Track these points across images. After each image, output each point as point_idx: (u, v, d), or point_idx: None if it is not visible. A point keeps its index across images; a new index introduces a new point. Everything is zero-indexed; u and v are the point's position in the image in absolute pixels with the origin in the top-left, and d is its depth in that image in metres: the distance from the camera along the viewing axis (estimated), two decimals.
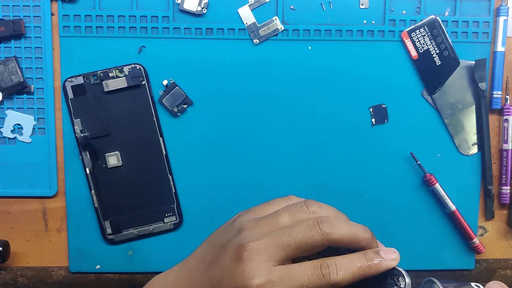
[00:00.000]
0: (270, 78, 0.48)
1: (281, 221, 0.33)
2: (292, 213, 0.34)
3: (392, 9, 0.48)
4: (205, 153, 0.48)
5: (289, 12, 0.47)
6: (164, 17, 0.47)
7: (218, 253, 0.34)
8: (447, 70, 0.48)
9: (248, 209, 0.37)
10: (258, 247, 0.32)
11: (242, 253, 0.32)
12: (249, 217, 0.35)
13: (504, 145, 0.49)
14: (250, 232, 0.33)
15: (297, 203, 0.35)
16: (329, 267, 0.31)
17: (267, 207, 0.36)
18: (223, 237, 0.35)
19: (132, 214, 0.48)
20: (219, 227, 0.37)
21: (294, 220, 0.33)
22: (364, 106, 0.48)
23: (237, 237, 0.33)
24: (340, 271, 0.31)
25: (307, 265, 0.32)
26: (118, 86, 0.47)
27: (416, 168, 0.49)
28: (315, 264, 0.32)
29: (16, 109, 0.47)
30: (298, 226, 0.32)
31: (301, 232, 0.32)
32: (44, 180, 0.48)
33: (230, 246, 0.33)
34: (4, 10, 0.46)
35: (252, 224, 0.34)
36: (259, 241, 0.32)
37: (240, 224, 0.34)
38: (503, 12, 0.47)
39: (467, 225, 0.48)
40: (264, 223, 0.34)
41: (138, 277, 0.49)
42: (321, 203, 0.35)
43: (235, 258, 0.32)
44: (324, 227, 0.32)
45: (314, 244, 0.32)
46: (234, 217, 0.37)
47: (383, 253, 0.33)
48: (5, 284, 0.49)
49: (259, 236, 0.32)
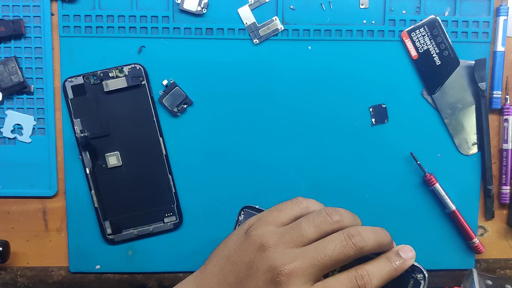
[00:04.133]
0: (270, 78, 0.48)
1: (307, 235, 0.33)
2: (316, 225, 0.33)
3: (392, 9, 0.48)
4: (205, 153, 0.48)
5: (289, 12, 0.47)
6: (164, 17, 0.47)
7: (244, 275, 0.33)
8: (447, 70, 0.48)
9: (257, 216, 0.36)
10: (295, 270, 0.31)
11: (279, 278, 0.31)
12: (266, 229, 0.34)
13: (504, 145, 0.49)
14: (277, 251, 0.32)
15: (317, 212, 0.34)
16: (363, 278, 0.32)
17: (279, 215, 0.35)
18: (243, 255, 0.34)
19: (132, 214, 0.48)
20: (230, 239, 0.35)
21: (319, 233, 0.33)
22: (364, 106, 0.48)
23: (264, 258, 0.32)
24: (373, 280, 0.32)
25: (342, 279, 0.32)
26: (118, 86, 0.47)
27: (416, 168, 0.49)
28: (349, 276, 0.32)
29: (16, 109, 0.47)
30: (331, 243, 0.32)
31: (336, 249, 0.32)
32: (44, 180, 0.48)
33: (259, 268, 0.32)
34: (4, 10, 0.46)
35: (275, 240, 0.33)
36: (294, 263, 0.31)
37: (260, 240, 0.33)
38: (503, 12, 0.47)
39: (467, 225, 0.48)
40: (289, 238, 0.33)
41: (138, 277, 0.49)
42: (338, 209, 0.35)
43: (271, 283, 0.31)
44: (357, 242, 0.32)
45: (348, 258, 0.32)
46: (245, 227, 0.35)
47: (403, 253, 0.34)
48: (5, 284, 0.49)
49: (293, 257, 0.32)
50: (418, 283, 0.35)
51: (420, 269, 0.36)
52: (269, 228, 0.34)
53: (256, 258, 0.32)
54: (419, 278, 0.36)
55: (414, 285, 0.35)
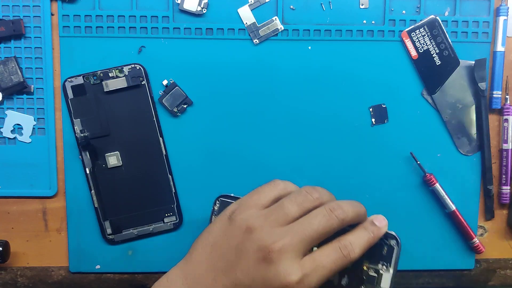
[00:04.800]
0: (270, 78, 0.48)
1: (291, 214, 0.34)
2: (299, 203, 0.35)
3: (392, 9, 0.48)
4: (205, 153, 0.48)
5: (289, 12, 0.47)
6: (164, 17, 0.47)
7: (234, 259, 0.33)
8: (447, 70, 0.48)
9: (237, 202, 0.36)
10: (285, 246, 0.32)
11: (270, 255, 0.32)
12: (250, 213, 0.35)
13: (504, 145, 0.49)
14: (264, 231, 0.33)
15: (297, 192, 0.36)
16: (347, 247, 0.34)
17: (259, 197, 0.36)
18: (229, 240, 0.34)
19: (132, 214, 0.48)
20: (214, 226, 0.36)
21: (302, 211, 0.34)
22: (364, 106, 0.48)
23: (253, 239, 0.33)
24: (356, 248, 0.34)
25: (328, 250, 0.34)
26: (118, 86, 0.47)
27: (416, 168, 0.49)
28: (334, 247, 0.34)
29: (16, 109, 0.47)
30: (315, 217, 0.34)
31: (321, 223, 0.34)
32: (44, 180, 0.48)
33: (249, 249, 0.33)
34: (4, 10, 0.46)
35: (260, 221, 0.34)
36: (283, 240, 0.32)
37: (246, 223, 0.34)
38: (503, 12, 0.47)
39: (467, 225, 0.48)
40: (274, 219, 0.34)
41: (138, 277, 0.49)
42: (315, 187, 0.36)
43: (263, 261, 0.32)
44: (339, 214, 0.34)
45: (332, 230, 0.34)
46: (227, 213, 0.36)
47: (377, 222, 0.37)
48: (5, 284, 0.49)
49: (281, 235, 0.33)
50: (392, 248, 0.38)
51: (393, 235, 0.38)
52: (252, 211, 0.35)
53: (244, 241, 0.33)
54: (392, 244, 0.38)
55: (388, 251, 0.38)
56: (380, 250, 0.38)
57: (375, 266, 0.38)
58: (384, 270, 0.38)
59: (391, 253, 0.38)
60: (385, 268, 0.38)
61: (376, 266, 0.38)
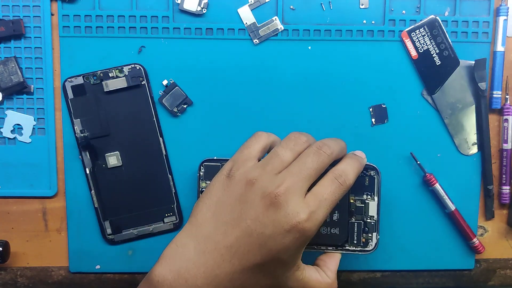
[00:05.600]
0: (270, 78, 0.48)
1: (286, 159, 0.36)
2: (291, 149, 0.36)
3: (392, 9, 0.48)
4: (205, 153, 0.48)
5: (289, 12, 0.47)
6: (164, 17, 0.47)
7: (240, 210, 0.34)
8: (447, 70, 0.48)
9: (230, 160, 0.37)
10: (288, 188, 0.34)
11: (277, 199, 0.33)
12: (247, 167, 0.36)
13: (504, 145, 0.49)
14: (265, 180, 0.34)
15: (286, 139, 0.37)
16: (342, 175, 0.36)
17: (250, 151, 0.37)
18: (232, 194, 0.35)
19: (132, 214, 0.48)
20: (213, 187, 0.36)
21: (295, 154, 0.36)
22: (364, 106, 0.48)
23: (256, 189, 0.34)
24: (349, 175, 0.36)
25: (326, 182, 0.35)
26: (118, 86, 0.47)
27: (416, 168, 0.49)
28: (330, 178, 0.36)
29: (16, 109, 0.47)
30: (308, 157, 0.35)
31: (314, 161, 0.35)
32: (44, 180, 0.48)
33: (254, 198, 0.34)
34: (4, 10, 0.46)
35: (259, 171, 0.35)
36: (285, 182, 0.34)
37: (245, 176, 0.35)
38: (503, 12, 0.47)
39: (467, 225, 0.48)
40: (271, 167, 0.35)
41: (138, 277, 0.49)
42: (300, 132, 0.38)
43: (271, 206, 0.33)
44: (326, 150, 0.36)
45: (325, 165, 0.36)
46: (224, 172, 0.36)
47: (357, 153, 0.39)
48: (5, 284, 0.49)
49: (282, 179, 0.34)
50: (373, 178, 0.42)
51: (372, 166, 0.41)
52: (248, 165, 0.36)
53: (247, 192, 0.34)
54: (372, 174, 0.41)
55: (370, 181, 0.42)
56: (363, 182, 0.42)
57: (360, 198, 0.42)
58: (369, 199, 0.42)
59: (373, 182, 0.42)
60: (370, 197, 0.42)
61: (362, 197, 0.42)
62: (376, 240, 0.42)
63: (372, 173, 0.41)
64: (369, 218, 0.42)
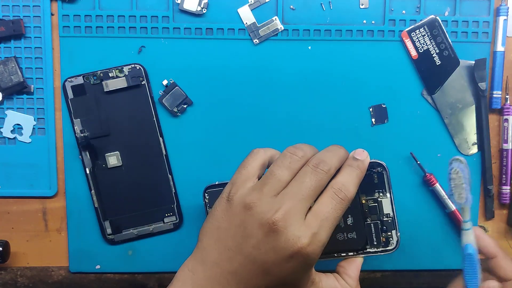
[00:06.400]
0: (270, 78, 0.48)
1: (283, 178, 0.34)
2: (288, 167, 0.35)
3: (392, 9, 0.48)
4: (205, 153, 0.48)
5: (289, 12, 0.47)
6: (164, 17, 0.47)
7: (241, 237, 0.34)
8: (447, 70, 0.48)
9: (230, 182, 0.36)
10: (287, 212, 0.33)
11: (276, 225, 0.32)
12: (244, 189, 0.35)
13: (504, 145, 0.49)
14: (263, 204, 0.33)
15: (282, 156, 0.36)
16: (342, 190, 0.34)
17: (248, 170, 0.36)
18: (232, 220, 0.34)
19: (132, 214, 0.48)
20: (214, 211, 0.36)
21: (292, 172, 0.35)
22: (364, 106, 0.48)
23: (253, 215, 0.33)
24: (349, 188, 0.35)
25: (326, 200, 0.34)
26: (118, 86, 0.47)
27: (416, 168, 0.49)
28: (330, 195, 0.34)
29: (16, 109, 0.47)
30: (304, 177, 0.34)
31: (312, 180, 0.34)
32: (44, 180, 0.48)
33: (253, 226, 0.33)
34: (4, 10, 0.46)
35: (256, 195, 0.34)
36: (283, 207, 0.33)
37: (243, 200, 0.34)
38: (503, 12, 0.47)
39: None
40: (269, 188, 0.34)
41: (138, 277, 0.49)
42: (297, 145, 0.37)
43: (271, 233, 0.32)
44: (323, 167, 0.34)
45: (324, 183, 0.34)
46: (224, 196, 0.36)
47: (358, 156, 0.37)
48: (5, 284, 0.49)
49: (279, 203, 0.33)
50: (381, 174, 0.39)
51: (378, 163, 0.39)
52: (245, 187, 0.35)
53: (246, 218, 0.34)
54: (380, 170, 0.39)
55: (379, 178, 0.39)
56: (372, 180, 0.39)
57: (372, 197, 0.40)
58: (381, 197, 0.40)
59: (382, 179, 0.39)
60: (382, 195, 0.40)
61: (373, 196, 0.40)
62: (397, 238, 0.40)
63: (379, 169, 0.39)
64: (385, 216, 0.40)
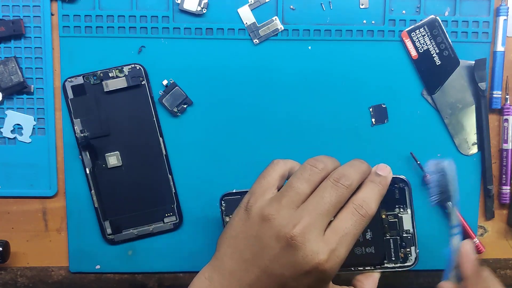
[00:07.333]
0: (270, 78, 0.48)
1: (303, 191, 0.34)
2: (307, 179, 0.34)
3: (392, 9, 0.48)
4: (205, 153, 0.48)
5: (289, 12, 0.47)
6: (164, 17, 0.47)
7: (259, 249, 0.33)
8: (447, 70, 0.48)
9: (249, 192, 0.36)
10: (306, 228, 0.32)
11: (293, 240, 0.32)
12: (263, 200, 0.35)
13: (504, 145, 0.49)
14: (281, 217, 0.33)
15: (302, 168, 0.35)
16: (363, 206, 0.34)
17: (268, 181, 0.36)
18: (250, 231, 0.34)
19: (132, 214, 0.48)
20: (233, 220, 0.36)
21: (312, 185, 0.34)
22: (364, 106, 0.48)
23: (271, 228, 0.33)
24: (371, 204, 0.34)
25: (346, 216, 0.33)
26: (118, 86, 0.47)
27: (416, 168, 0.49)
28: (350, 211, 0.34)
29: (16, 109, 0.47)
30: (325, 191, 0.34)
31: (332, 195, 0.33)
32: (44, 180, 0.48)
33: (271, 239, 0.33)
34: (4, 10, 0.46)
35: (274, 207, 0.33)
36: (302, 221, 0.32)
37: (261, 211, 0.34)
38: (503, 12, 0.47)
39: (467, 225, 0.48)
40: (287, 201, 0.33)
41: (138, 277, 0.49)
42: (317, 157, 0.36)
43: (289, 247, 0.32)
44: (344, 182, 0.34)
45: (345, 198, 0.34)
46: (243, 206, 0.35)
47: (381, 171, 0.36)
48: (5, 284, 0.49)
49: (298, 217, 0.33)
50: (403, 190, 0.39)
51: (400, 178, 0.38)
52: (265, 198, 0.35)
53: (263, 230, 0.33)
54: (402, 186, 0.39)
55: (401, 193, 0.39)
56: (393, 195, 0.39)
57: (392, 212, 0.40)
58: (402, 212, 0.40)
59: (403, 194, 0.39)
60: (402, 210, 0.40)
61: (394, 211, 0.40)
62: (415, 254, 0.40)
63: (401, 185, 0.39)
64: (405, 232, 0.40)
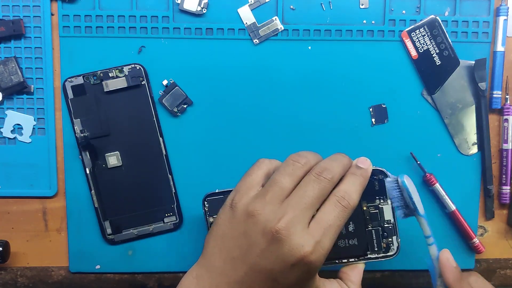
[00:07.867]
0: (270, 78, 0.48)
1: (286, 186, 0.34)
2: (290, 174, 0.35)
3: (392, 9, 0.48)
4: (205, 153, 0.48)
5: (289, 12, 0.47)
6: (164, 17, 0.47)
7: (246, 246, 0.34)
8: (447, 70, 0.48)
9: (234, 190, 0.37)
10: (290, 221, 0.33)
11: (279, 234, 0.33)
12: (248, 197, 0.35)
13: (504, 145, 0.49)
14: (265, 212, 0.33)
15: (285, 164, 0.36)
16: (344, 197, 0.35)
17: (252, 179, 0.36)
18: (236, 228, 0.34)
19: (132, 214, 0.48)
20: (219, 219, 0.36)
21: (295, 180, 0.35)
22: (364, 106, 0.48)
23: (257, 224, 0.33)
24: (352, 195, 0.35)
25: (329, 208, 0.34)
26: (118, 86, 0.47)
27: (416, 168, 0.49)
28: (333, 203, 0.34)
29: (16, 109, 0.47)
30: (307, 185, 0.34)
31: (315, 189, 0.34)
32: (44, 180, 0.48)
33: (256, 235, 0.33)
34: (4, 10, 0.46)
35: (259, 203, 0.34)
36: (286, 216, 0.33)
37: (246, 208, 0.34)
38: (503, 12, 0.47)
39: (467, 225, 0.48)
40: (271, 196, 0.34)
41: (138, 277, 0.49)
42: (299, 152, 0.37)
43: (275, 241, 0.33)
44: (326, 175, 0.35)
45: (327, 191, 0.35)
46: (228, 203, 0.36)
47: (361, 164, 0.37)
48: (5, 284, 0.49)
49: (282, 212, 0.33)
50: (382, 181, 0.40)
51: (380, 170, 0.40)
52: (249, 195, 0.35)
53: (250, 227, 0.34)
54: (381, 178, 0.40)
55: (380, 184, 0.40)
56: (373, 187, 0.40)
57: (373, 203, 0.41)
58: (382, 203, 0.41)
59: (382, 186, 0.40)
60: (382, 201, 0.41)
61: (374, 202, 0.41)
62: (397, 244, 0.41)
63: (381, 176, 0.40)
64: (386, 222, 0.41)
